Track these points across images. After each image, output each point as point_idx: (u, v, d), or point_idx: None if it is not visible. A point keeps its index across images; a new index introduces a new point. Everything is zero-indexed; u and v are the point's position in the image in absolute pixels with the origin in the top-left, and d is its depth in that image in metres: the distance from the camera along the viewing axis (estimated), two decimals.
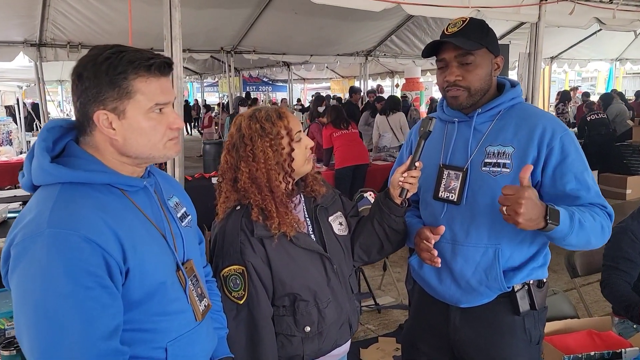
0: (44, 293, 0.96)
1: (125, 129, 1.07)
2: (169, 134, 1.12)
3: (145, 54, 1.07)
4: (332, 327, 1.54)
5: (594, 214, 1.43)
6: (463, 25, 1.48)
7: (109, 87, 1.04)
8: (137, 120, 1.07)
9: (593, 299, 4.07)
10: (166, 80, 1.11)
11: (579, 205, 1.44)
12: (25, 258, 0.97)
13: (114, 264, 1.02)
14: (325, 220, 1.62)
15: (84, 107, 1.06)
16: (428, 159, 1.58)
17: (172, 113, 1.13)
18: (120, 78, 1.04)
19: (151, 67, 1.06)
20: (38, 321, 0.96)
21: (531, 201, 1.30)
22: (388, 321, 3.77)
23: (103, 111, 1.05)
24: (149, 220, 1.13)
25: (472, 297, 1.55)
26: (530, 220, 1.31)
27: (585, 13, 4.37)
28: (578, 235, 1.38)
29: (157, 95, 1.08)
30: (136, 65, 1.05)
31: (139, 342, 1.08)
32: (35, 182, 1.07)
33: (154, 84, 1.08)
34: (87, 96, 1.05)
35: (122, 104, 1.06)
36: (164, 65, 1.09)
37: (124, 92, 1.05)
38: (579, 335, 2.05)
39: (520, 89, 1.59)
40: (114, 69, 1.04)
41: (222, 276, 1.46)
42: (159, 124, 1.10)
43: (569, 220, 1.35)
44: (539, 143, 1.46)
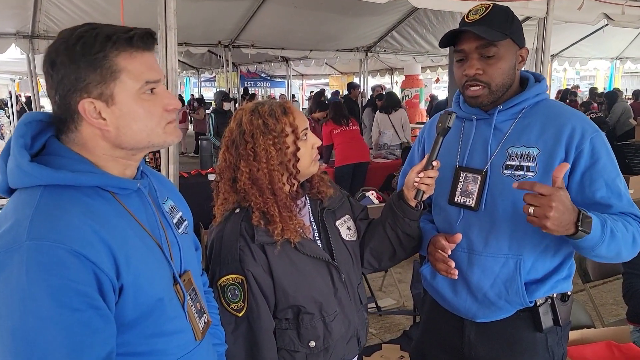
0: (24, 317, 0.81)
1: (117, 116, 0.93)
2: (166, 116, 0.98)
3: (121, 27, 0.93)
4: (339, 342, 1.42)
5: (627, 223, 1.30)
6: (485, 12, 1.35)
7: (89, 70, 0.90)
8: (129, 105, 0.93)
9: (600, 302, 3.99)
10: (151, 55, 0.96)
11: (611, 214, 1.32)
12: (1, 275, 0.83)
13: (106, 280, 0.88)
14: (333, 225, 1.50)
15: (64, 99, 0.92)
16: (443, 159, 1.46)
17: (165, 92, 0.99)
18: (99, 57, 0.90)
19: (132, 40, 0.92)
20: (17, 349, 0.82)
21: (564, 204, 1.17)
22: (390, 324, 3.66)
23: (88, 99, 0.91)
24: (142, 228, 0.99)
25: (489, 311, 1.43)
26: (559, 225, 1.18)
27: (594, 8, 4.25)
28: (609, 246, 1.25)
29: (145, 72, 0.94)
30: (115, 40, 0.90)
31: None
32: (11, 184, 0.93)
33: (138, 59, 0.93)
34: (65, 86, 0.91)
35: (107, 88, 0.91)
36: (147, 36, 0.94)
37: (108, 72, 0.91)
38: (597, 347, 1.94)
39: (546, 84, 1.46)
40: (91, 48, 0.89)
41: (220, 286, 1.33)
42: (154, 106, 0.96)
43: (600, 228, 1.23)
44: (567, 145, 1.34)
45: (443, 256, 1.41)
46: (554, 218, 1.16)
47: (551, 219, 1.16)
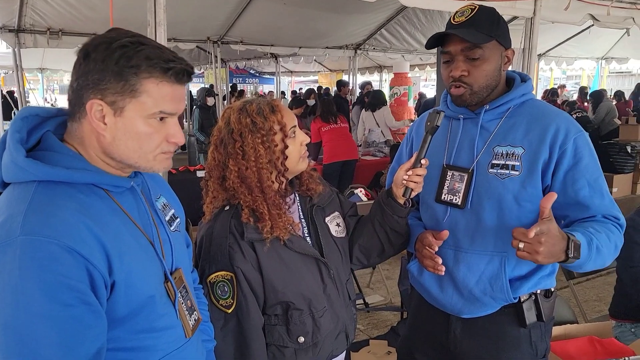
0: (16, 312, 0.82)
1: (118, 128, 0.94)
2: (164, 146, 0.99)
3: (166, 54, 0.94)
4: (328, 337, 1.44)
5: (610, 232, 1.33)
6: (472, 14, 1.37)
7: (115, 78, 0.91)
8: (134, 123, 0.94)
9: (583, 298, 4.05)
10: (180, 89, 0.97)
11: (593, 220, 1.35)
12: None
13: (98, 276, 0.88)
14: (322, 221, 1.51)
15: (80, 90, 0.93)
16: (430, 158, 1.48)
17: (174, 125, 0.99)
18: (130, 72, 0.91)
19: (168, 71, 0.93)
20: (8, 345, 0.82)
21: (553, 238, 1.20)
22: (377, 321, 3.69)
23: (99, 101, 0.92)
24: (135, 225, 1.00)
25: (475, 307, 1.46)
26: (550, 257, 1.22)
27: (580, 9, 4.31)
28: (595, 261, 1.29)
29: (165, 102, 0.95)
30: (153, 64, 0.91)
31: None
32: (5, 178, 0.93)
33: (165, 89, 0.94)
34: (87, 79, 0.91)
35: (122, 101, 0.92)
36: (184, 73, 0.96)
37: (130, 88, 0.92)
38: (580, 341, 1.98)
39: (532, 85, 1.49)
40: (127, 60, 0.90)
41: (209, 283, 1.34)
42: (157, 133, 0.97)
43: (587, 248, 1.26)
44: (551, 144, 1.36)
45: (430, 253, 1.43)
46: (544, 252, 1.19)
47: (541, 253, 1.19)
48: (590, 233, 1.28)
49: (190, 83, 4.82)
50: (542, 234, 1.18)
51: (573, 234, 1.24)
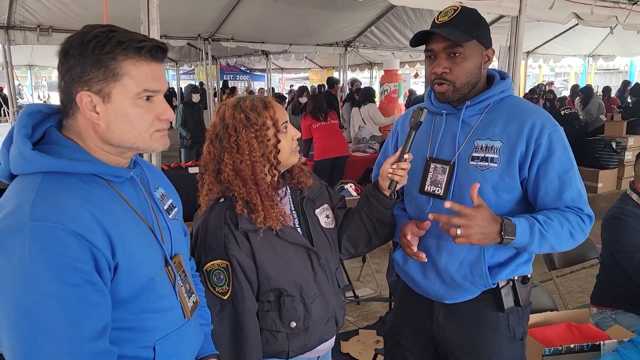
0: (26, 292, 0.89)
1: (110, 114, 1.00)
2: (156, 124, 1.05)
3: (137, 36, 1.00)
4: (319, 322, 1.51)
5: (565, 220, 1.41)
6: (454, 14, 1.45)
7: (95, 67, 0.97)
8: (123, 106, 1.00)
9: (567, 290, 4.16)
10: (158, 67, 1.04)
11: (553, 210, 1.43)
12: (4, 253, 0.90)
13: (102, 259, 0.95)
14: (312, 213, 1.59)
15: (67, 86, 1.00)
16: (414, 151, 1.56)
17: (162, 102, 1.06)
18: (107, 58, 0.97)
19: (142, 50, 0.99)
20: (20, 322, 0.89)
21: (483, 220, 1.32)
22: (367, 313, 3.78)
23: (87, 92, 0.98)
24: (136, 213, 1.07)
25: (456, 293, 1.54)
26: (485, 238, 1.34)
27: (564, 8, 4.41)
28: (540, 245, 1.39)
29: (146, 81, 1.01)
30: (126, 46, 0.98)
31: (126, 342, 1.03)
32: (14, 170, 1.00)
33: (144, 68, 1.00)
34: (71, 75, 0.98)
35: (107, 86, 0.99)
36: (157, 49, 1.02)
37: (111, 73, 0.98)
38: (558, 327, 2.08)
39: (510, 82, 1.57)
40: (101, 48, 0.97)
41: (205, 271, 1.41)
42: (147, 113, 1.03)
43: (528, 232, 1.36)
44: (528, 138, 1.45)
45: (408, 242, 1.52)
46: (476, 234, 1.31)
47: (474, 235, 1.31)
48: (535, 219, 1.38)
49: (180, 80, 4.87)
50: (471, 219, 1.30)
51: (512, 219, 1.36)
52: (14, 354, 0.90)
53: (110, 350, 0.97)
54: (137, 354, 1.05)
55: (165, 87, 1.06)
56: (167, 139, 1.10)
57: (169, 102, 7.27)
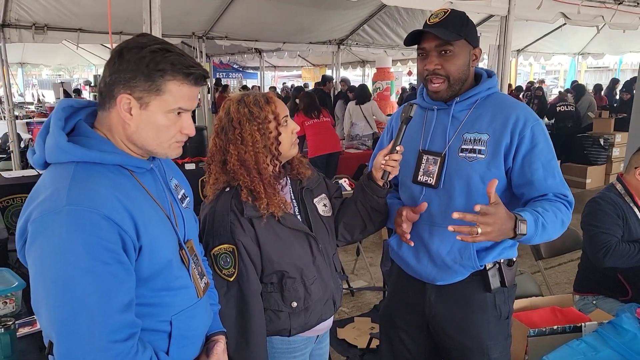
0: (64, 267, 0.99)
1: (142, 119, 1.11)
2: (178, 137, 1.17)
3: (188, 61, 1.11)
4: (318, 302, 1.62)
5: (557, 210, 1.50)
6: (444, 16, 1.56)
7: (144, 78, 1.08)
8: (156, 116, 1.11)
9: (554, 281, 4.30)
10: (196, 90, 1.15)
11: (544, 199, 1.53)
12: (45, 234, 1.00)
13: (129, 241, 1.06)
14: (311, 202, 1.69)
15: (112, 84, 1.09)
16: (408, 144, 1.67)
17: (188, 119, 1.17)
18: (157, 75, 1.08)
19: (189, 75, 1.11)
20: (58, 294, 0.99)
21: (501, 218, 1.34)
22: (362, 303, 3.89)
23: (128, 95, 1.09)
24: (154, 201, 1.17)
25: (447, 275, 1.65)
26: (501, 235, 1.37)
27: (551, 7, 4.52)
28: (541, 236, 1.46)
29: (183, 101, 1.12)
30: (177, 70, 1.09)
31: (146, 316, 1.13)
32: (49, 159, 1.10)
33: (185, 90, 1.12)
34: (119, 76, 1.08)
35: (148, 97, 1.09)
36: (201, 77, 1.13)
37: (155, 87, 1.09)
38: (543, 311, 2.19)
39: (496, 80, 1.68)
40: (156, 65, 1.07)
41: (213, 255, 1.51)
42: (173, 125, 1.14)
43: (534, 226, 1.41)
44: (512, 131, 1.56)
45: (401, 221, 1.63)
46: (494, 232, 1.34)
47: (492, 233, 1.34)
48: (537, 212, 1.45)
49: None
50: (491, 215, 1.33)
51: (521, 214, 1.40)
52: (52, 323, 1.00)
53: (135, 322, 1.07)
54: (156, 327, 1.16)
55: (194, 106, 1.18)
56: (181, 149, 1.22)
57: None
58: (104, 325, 1.01)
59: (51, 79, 23.24)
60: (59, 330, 1.00)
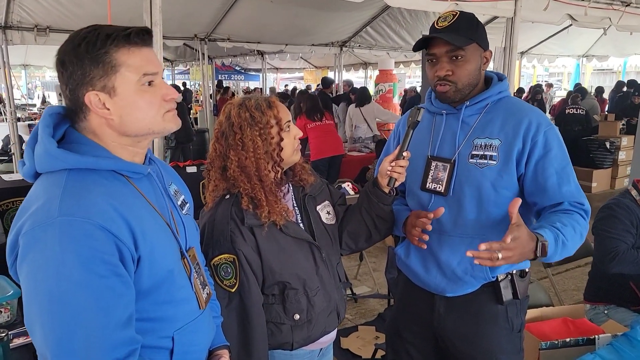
0: (58, 282, 0.92)
1: (120, 106, 1.04)
2: (165, 105, 1.08)
3: (120, 27, 1.04)
4: (321, 314, 1.55)
5: (575, 223, 1.43)
6: (453, 19, 1.49)
7: (93, 66, 1.00)
8: (129, 96, 1.04)
9: (562, 288, 4.22)
10: (149, 51, 1.07)
11: (559, 210, 1.46)
12: (37, 247, 0.94)
13: (126, 252, 0.99)
14: (314, 209, 1.63)
15: (73, 92, 1.03)
16: (416, 150, 1.60)
17: (163, 84, 1.09)
18: (101, 54, 1.00)
19: (130, 36, 1.02)
20: (52, 310, 0.93)
21: (523, 242, 1.29)
22: (365, 310, 3.82)
23: (93, 92, 1.02)
24: (153, 208, 1.11)
25: (457, 286, 1.59)
26: (522, 258, 1.32)
27: (558, 9, 4.46)
28: (561, 254, 1.40)
29: (143, 66, 1.04)
30: (114, 37, 1.01)
31: (148, 332, 1.07)
32: (39, 169, 1.03)
33: (136, 54, 1.03)
34: (74, 80, 1.01)
35: (109, 80, 1.02)
36: (143, 33, 1.05)
37: (109, 66, 1.01)
38: (554, 322, 2.13)
39: (507, 83, 1.62)
40: (93, 46, 1.00)
41: (213, 265, 1.45)
42: (153, 97, 1.06)
43: (554, 245, 1.35)
44: (524, 136, 1.49)
45: (422, 223, 1.54)
46: (516, 256, 1.29)
47: (514, 257, 1.29)
48: (557, 229, 1.38)
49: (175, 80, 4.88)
50: (515, 239, 1.27)
51: (541, 233, 1.34)
52: (47, 342, 0.94)
53: (135, 339, 1.00)
54: (157, 343, 1.09)
55: (161, 68, 1.10)
56: (178, 118, 1.13)
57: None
58: (102, 343, 0.94)
59: (54, 81, 23.26)
60: (54, 350, 0.93)
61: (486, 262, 1.29)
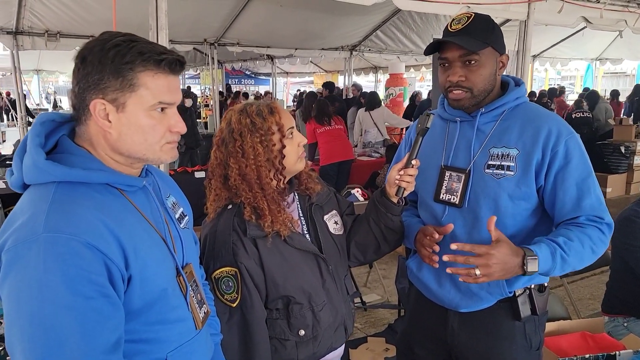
0: (41, 304, 0.87)
1: (122, 123, 0.99)
2: (168, 136, 1.03)
3: (157, 48, 0.99)
4: (327, 330, 1.48)
5: (586, 237, 1.38)
6: (468, 22, 1.42)
7: (113, 76, 0.95)
8: (137, 117, 0.99)
9: (577, 297, 4.11)
10: (175, 80, 1.02)
11: (573, 224, 1.40)
12: (19, 265, 0.88)
13: (116, 271, 0.94)
14: (321, 219, 1.56)
15: (82, 93, 0.98)
16: (428, 159, 1.53)
17: (175, 115, 1.04)
18: (126, 68, 0.95)
19: (161, 62, 0.98)
20: (34, 334, 0.87)
21: (503, 258, 1.28)
22: (374, 319, 3.74)
23: (101, 100, 0.97)
24: (148, 222, 1.05)
25: (472, 301, 1.51)
26: (505, 274, 1.31)
27: (573, 12, 4.39)
28: (562, 269, 1.36)
29: (162, 93, 0.99)
30: (146, 58, 0.96)
31: (139, 354, 1.01)
32: (27, 180, 0.98)
33: (161, 80, 0.99)
34: (87, 82, 0.96)
35: (123, 96, 0.97)
36: (176, 63, 1.00)
37: (128, 83, 0.96)
38: (572, 337, 2.04)
39: (525, 88, 1.54)
40: (121, 58, 0.95)
41: (214, 278, 1.39)
42: (159, 124, 1.01)
43: (550, 260, 1.33)
44: (544, 146, 1.42)
45: (430, 242, 1.48)
46: (496, 272, 1.29)
47: (494, 274, 1.29)
48: (557, 244, 1.34)
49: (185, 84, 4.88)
50: (489, 258, 1.26)
51: (533, 249, 1.31)
52: None
53: None
54: None
55: (179, 99, 1.05)
56: (176, 151, 1.09)
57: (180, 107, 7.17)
58: None
59: (68, 86, 23.51)
60: None
61: (467, 278, 1.30)
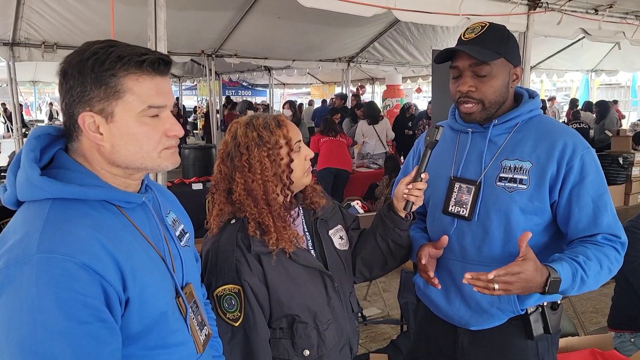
0: (33, 329, 0.81)
1: (114, 134, 0.93)
2: (164, 141, 0.98)
3: (138, 49, 0.94)
4: (333, 350, 1.43)
5: (604, 257, 1.34)
6: (481, 31, 1.38)
7: (95, 86, 0.91)
8: (127, 125, 0.93)
9: (580, 311, 4.06)
10: (162, 80, 0.97)
11: (590, 242, 1.36)
12: (10, 288, 0.83)
13: (113, 293, 0.88)
14: (326, 234, 1.51)
15: (69, 108, 0.93)
16: (438, 170, 1.49)
17: (169, 118, 0.98)
18: (107, 75, 0.91)
19: (143, 64, 0.92)
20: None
21: (528, 276, 1.23)
22: (375, 334, 3.68)
23: (89, 113, 0.92)
24: (147, 241, 0.99)
25: (482, 319, 1.46)
26: (526, 291, 1.26)
27: (571, 23, 4.39)
28: (579, 290, 1.32)
29: (150, 97, 0.94)
30: (126, 61, 0.91)
31: None
32: (20, 197, 0.93)
33: (147, 83, 0.94)
34: (71, 96, 0.92)
35: (109, 105, 0.92)
36: (159, 62, 0.95)
37: (112, 91, 0.91)
38: (582, 354, 1.99)
39: (539, 101, 1.50)
40: (101, 65, 0.90)
41: (216, 296, 1.34)
42: (154, 130, 0.96)
43: (570, 281, 1.28)
44: (559, 160, 1.37)
45: (424, 267, 1.45)
46: (517, 289, 1.24)
47: (512, 291, 1.24)
48: (578, 263, 1.29)
49: (183, 95, 4.84)
50: (517, 273, 1.22)
51: (556, 268, 1.26)
52: None
53: None
54: None
55: (171, 102, 0.99)
56: (178, 157, 1.03)
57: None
58: None
59: None
60: None
61: (483, 290, 1.25)
